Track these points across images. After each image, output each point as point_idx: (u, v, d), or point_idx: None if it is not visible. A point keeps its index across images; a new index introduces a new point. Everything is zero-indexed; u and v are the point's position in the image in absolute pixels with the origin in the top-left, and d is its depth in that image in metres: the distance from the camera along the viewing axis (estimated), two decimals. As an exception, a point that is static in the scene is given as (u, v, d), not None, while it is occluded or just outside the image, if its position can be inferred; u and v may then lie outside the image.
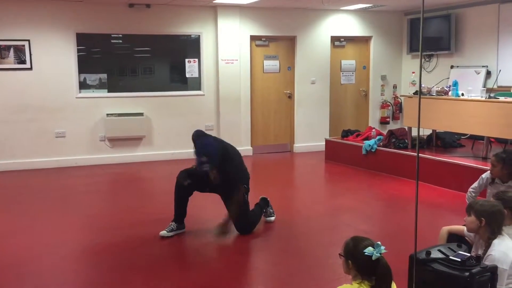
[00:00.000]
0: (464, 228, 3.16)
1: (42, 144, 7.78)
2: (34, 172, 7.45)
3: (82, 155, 7.98)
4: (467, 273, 2.46)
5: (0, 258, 4.01)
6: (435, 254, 2.65)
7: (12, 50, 7.45)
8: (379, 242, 2.30)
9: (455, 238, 3.19)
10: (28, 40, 7.53)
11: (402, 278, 2.66)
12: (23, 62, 7.52)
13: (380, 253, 2.27)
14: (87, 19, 7.83)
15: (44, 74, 7.70)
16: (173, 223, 4.58)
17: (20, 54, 7.50)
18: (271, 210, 5.06)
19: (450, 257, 2.60)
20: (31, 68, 7.58)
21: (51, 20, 7.65)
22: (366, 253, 2.26)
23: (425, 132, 7.64)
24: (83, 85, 8.01)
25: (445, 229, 3.33)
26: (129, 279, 3.66)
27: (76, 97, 7.91)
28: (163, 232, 4.52)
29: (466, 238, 3.19)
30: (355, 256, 2.32)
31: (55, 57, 7.73)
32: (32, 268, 3.85)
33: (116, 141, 8.16)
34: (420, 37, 4.20)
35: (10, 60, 7.45)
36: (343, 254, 2.40)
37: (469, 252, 2.87)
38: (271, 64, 9.09)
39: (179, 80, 8.73)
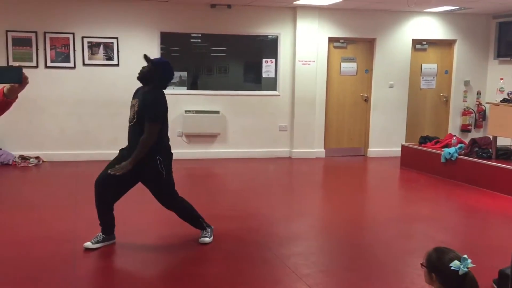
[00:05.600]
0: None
1: (124, 137, 8.09)
2: (116, 163, 7.84)
3: (160, 149, 8.29)
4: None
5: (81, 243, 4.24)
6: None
7: (101, 47, 7.90)
8: (465, 256, 2.21)
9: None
10: (117, 38, 7.94)
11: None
12: (111, 58, 7.94)
13: (467, 268, 2.18)
14: (171, 19, 8.13)
15: (129, 71, 8.04)
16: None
17: (108, 51, 7.93)
18: None
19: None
20: (118, 65, 7.99)
21: (138, 19, 8.02)
22: (452, 268, 2.17)
23: (512, 142, 7.21)
24: (164, 82, 8.32)
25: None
26: (202, 272, 3.76)
27: (157, 94, 8.23)
28: (88, 244, 4.08)
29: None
30: (439, 269, 2.24)
31: (140, 54, 7.99)
32: (110, 256, 4.07)
33: (192, 137, 8.41)
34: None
35: (100, 56, 7.90)
36: (425, 265, 2.33)
37: None
38: (348, 67, 8.96)
39: (253, 80, 8.85)
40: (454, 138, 7.56)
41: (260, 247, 4.29)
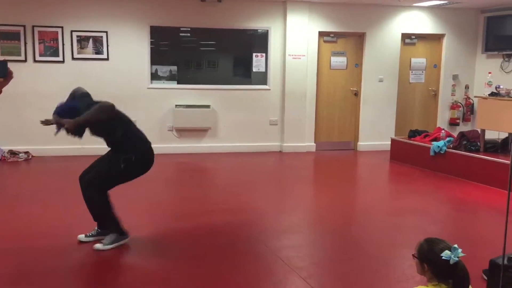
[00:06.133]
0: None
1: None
2: (106, 158, 7.81)
3: (150, 143, 8.27)
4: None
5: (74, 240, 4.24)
6: (516, 261, 2.55)
7: (91, 41, 7.84)
8: (456, 245, 2.25)
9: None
10: (106, 32, 7.89)
11: (476, 282, 2.58)
12: (101, 52, 7.89)
13: (457, 257, 2.22)
14: (160, 13, 8.09)
15: (119, 65, 8.03)
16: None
17: (98, 45, 7.88)
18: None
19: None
20: (107, 59, 7.94)
21: (128, 13, 7.97)
22: (443, 257, 2.21)
23: (500, 135, 7.30)
24: (154, 76, 8.30)
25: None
26: (195, 266, 3.77)
27: (148, 88, 8.20)
28: (81, 236, 4.15)
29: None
30: (430, 259, 2.28)
31: (130, 48, 8.05)
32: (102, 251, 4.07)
33: (183, 132, 8.40)
34: None
35: (89, 51, 7.85)
36: (417, 256, 2.37)
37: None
38: (339, 61, 9.00)
39: (244, 74, 8.84)
40: (443, 131, 7.64)
41: (252, 241, 4.31)
